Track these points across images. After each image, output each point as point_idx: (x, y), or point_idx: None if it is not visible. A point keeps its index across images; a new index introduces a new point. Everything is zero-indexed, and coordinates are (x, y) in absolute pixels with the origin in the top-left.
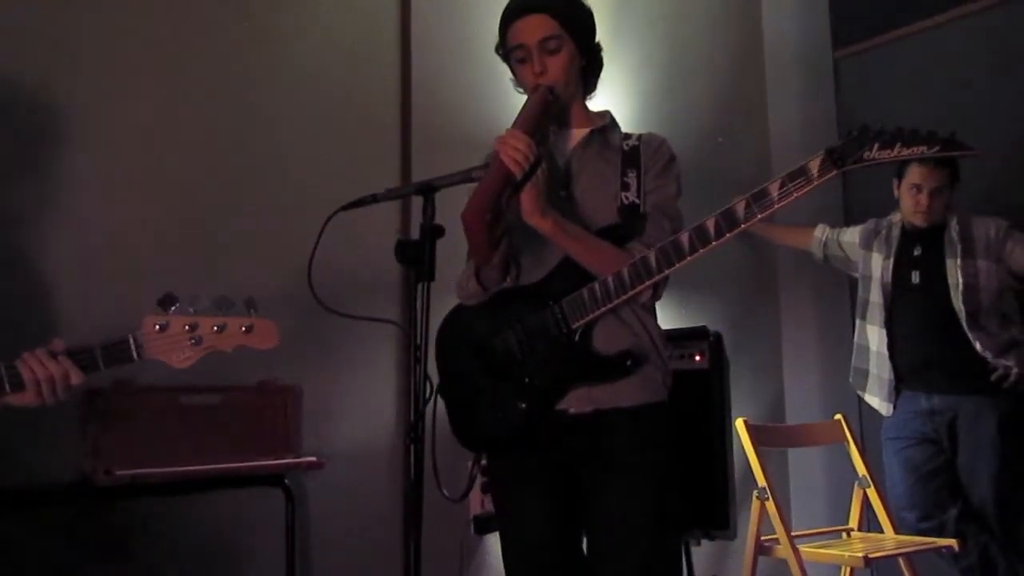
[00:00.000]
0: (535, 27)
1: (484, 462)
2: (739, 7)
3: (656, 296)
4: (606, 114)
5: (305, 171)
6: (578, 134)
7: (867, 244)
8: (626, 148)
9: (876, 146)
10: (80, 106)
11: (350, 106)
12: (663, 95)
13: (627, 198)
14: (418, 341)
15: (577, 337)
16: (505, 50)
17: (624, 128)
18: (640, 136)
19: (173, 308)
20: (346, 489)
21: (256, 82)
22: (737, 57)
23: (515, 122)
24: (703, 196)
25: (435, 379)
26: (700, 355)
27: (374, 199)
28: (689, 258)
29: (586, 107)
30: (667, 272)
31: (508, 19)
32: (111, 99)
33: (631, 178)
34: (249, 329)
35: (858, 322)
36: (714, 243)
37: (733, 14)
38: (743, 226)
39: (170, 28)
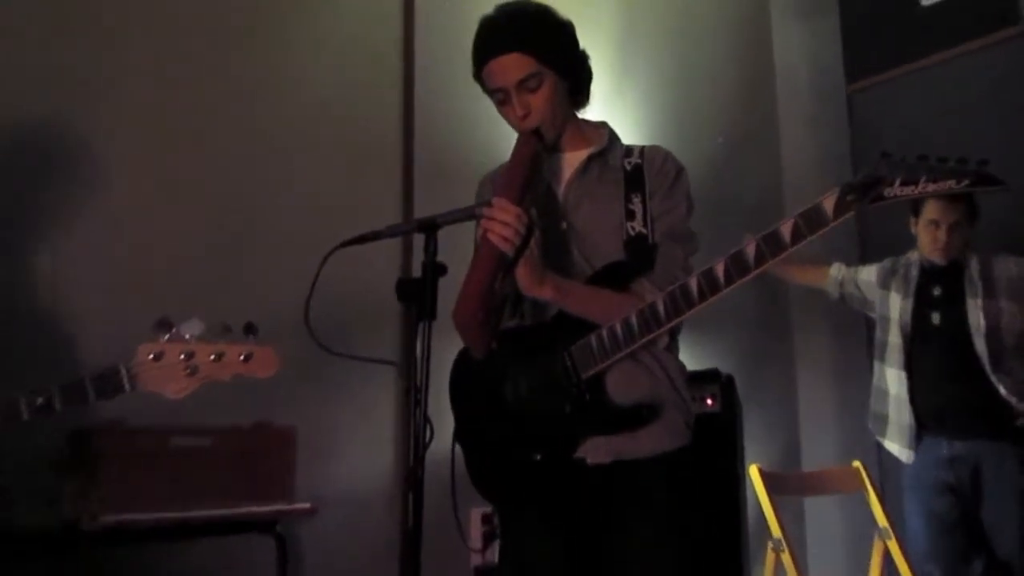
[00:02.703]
0: (510, 68)
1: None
2: (750, 37)
3: (673, 340)
4: (604, 130)
5: (305, 206)
6: (574, 159)
7: (885, 283)
8: (628, 167)
9: (898, 181)
10: (91, 139)
11: (353, 141)
12: (671, 125)
13: (632, 228)
14: (418, 383)
15: (589, 388)
16: (483, 89)
17: (627, 133)
18: (643, 151)
19: (168, 335)
20: (341, 536)
21: (260, 117)
22: (748, 87)
23: (500, 186)
24: (713, 226)
25: (435, 422)
26: (711, 398)
27: (375, 235)
28: (699, 305)
29: (580, 124)
30: (676, 321)
31: (480, 61)
32: (120, 132)
33: (636, 203)
34: (248, 357)
35: (876, 364)
36: (724, 290)
37: (743, 43)
38: (754, 272)
39: (180, 64)
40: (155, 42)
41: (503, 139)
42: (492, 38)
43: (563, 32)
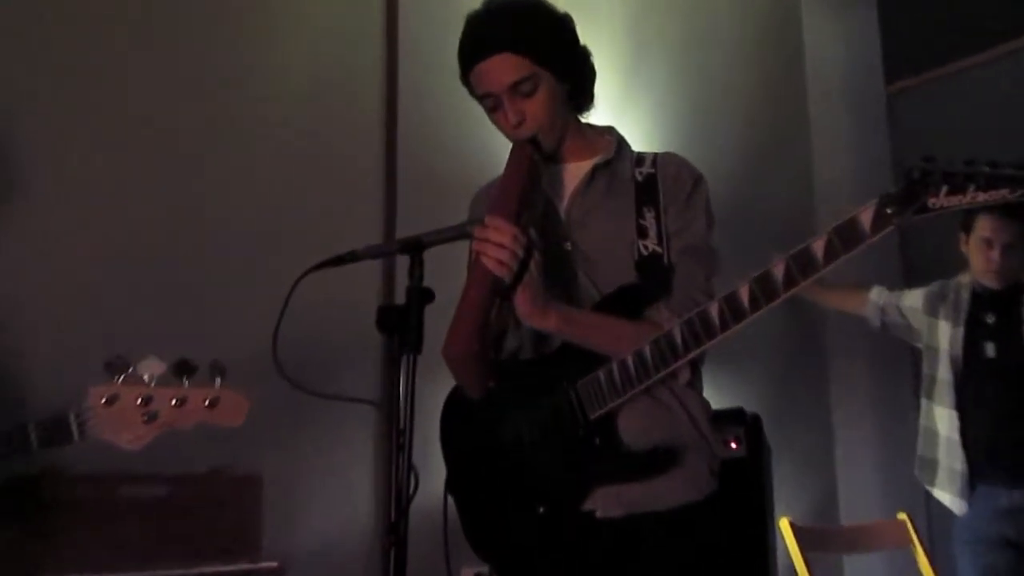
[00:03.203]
0: (501, 71)
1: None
2: (777, 32)
3: (696, 374)
4: (611, 136)
5: (276, 223)
6: (578, 170)
7: (932, 310)
8: (639, 178)
9: (944, 190)
10: (26, 143)
11: (328, 148)
12: (687, 133)
13: (646, 247)
14: (401, 425)
15: (598, 430)
16: (472, 94)
17: (637, 140)
18: (656, 159)
19: (123, 376)
20: None
21: (222, 118)
22: (775, 88)
23: (493, 204)
24: (737, 244)
25: (421, 470)
26: (735, 441)
27: (352, 257)
28: (721, 335)
29: (583, 130)
30: (695, 353)
31: (467, 62)
32: (61, 136)
33: (649, 219)
34: (214, 403)
35: (924, 402)
36: (749, 317)
37: (770, 40)
38: (783, 296)
39: (140, 71)
40: (99, 31)
41: (500, 147)
42: (479, 37)
43: (560, 28)
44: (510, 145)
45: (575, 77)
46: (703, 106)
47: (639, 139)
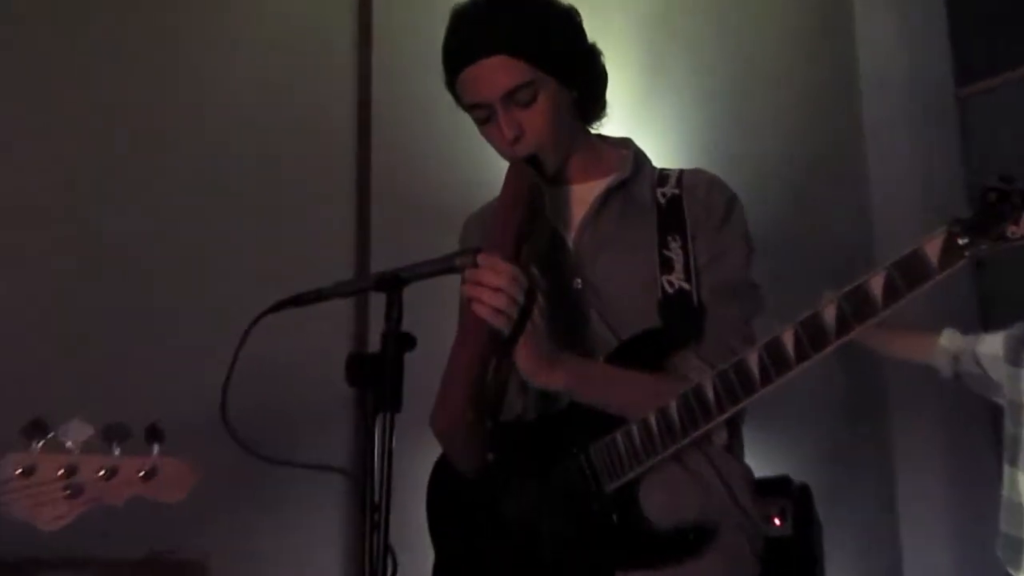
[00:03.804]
0: (493, 77)
1: None
2: (826, 28)
3: (735, 435)
4: (628, 150)
5: (229, 258)
6: (587, 192)
7: (1015, 358)
8: (662, 201)
9: None
10: None
11: (289, 163)
12: (718, 146)
13: (671, 284)
14: (376, 498)
15: (616, 504)
16: (459, 104)
17: (660, 156)
18: (680, 177)
19: (42, 442)
20: None
21: (163, 130)
22: (824, 93)
23: (488, 237)
24: (779, 280)
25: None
26: (779, 517)
27: (317, 296)
28: (761, 390)
29: (594, 144)
30: (731, 411)
31: (453, 67)
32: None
33: (674, 250)
34: (151, 474)
35: (1006, 468)
36: (795, 369)
37: (817, 36)
38: (835, 343)
39: (80, 103)
40: (57, 63)
41: (493, 165)
42: (467, 37)
43: (564, 23)
44: (505, 165)
45: (582, 82)
46: (737, 115)
47: (660, 154)
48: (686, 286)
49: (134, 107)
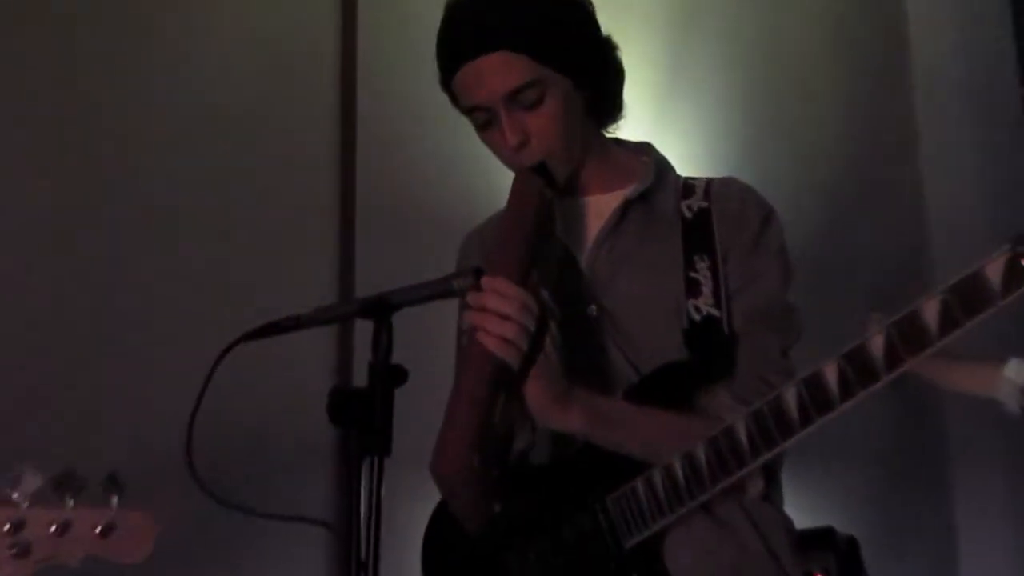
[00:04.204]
0: (495, 75)
1: None
2: (874, 21)
3: (772, 483)
4: (648, 157)
5: (195, 278)
6: (603, 205)
7: None
8: (688, 215)
9: None
10: None
11: (265, 175)
12: (750, 152)
13: (698, 310)
14: (363, 554)
15: (636, 562)
16: (456, 106)
17: (684, 166)
18: (709, 187)
19: None
20: None
21: (126, 137)
22: (871, 94)
23: (492, 258)
24: (822, 303)
25: None
26: (824, 574)
27: (295, 323)
28: (801, 432)
29: (609, 150)
30: (768, 456)
31: (449, 65)
32: None
33: (702, 271)
34: (108, 529)
35: None
36: (839, 407)
37: (864, 30)
38: (885, 378)
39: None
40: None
41: (496, 175)
42: (465, 30)
43: (574, 15)
44: (509, 173)
45: (595, 80)
46: (771, 117)
47: (684, 161)
48: (715, 313)
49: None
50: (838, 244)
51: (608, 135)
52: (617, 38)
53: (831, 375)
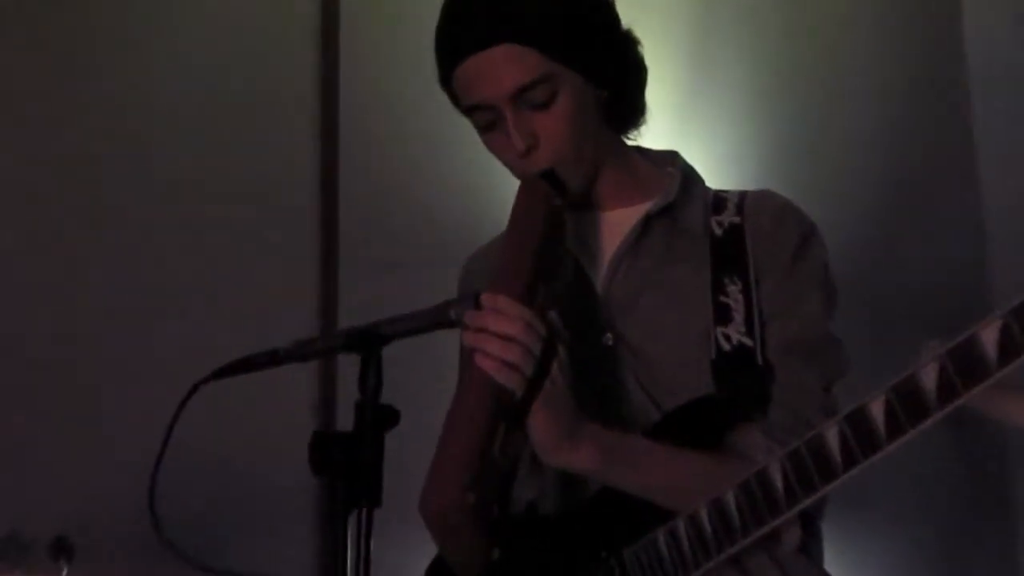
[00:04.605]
0: (501, 71)
1: None
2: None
3: (811, 532)
4: (674, 168)
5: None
6: (622, 220)
7: None
8: (718, 232)
9: None
10: None
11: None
12: (789, 155)
13: (728, 339)
14: None
15: None
16: (457, 106)
17: (720, 184)
18: (743, 201)
19: None
20: None
21: (87, 145)
22: (922, 89)
23: (495, 274)
24: (868, 330)
25: None
26: None
27: (270, 359)
28: (844, 476)
29: (629, 159)
30: (805, 503)
31: (449, 59)
32: None
33: (733, 294)
34: None
35: None
36: (886, 448)
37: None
38: (937, 413)
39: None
40: None
41: (499, 185)
42: (468, 20)
43: (590, 5)
44: (515, 183)
45: (614, 78)
46: (809, 119)
47: (712, 171)
48: (747, 342)
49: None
50: (884, 264)
51: (629, 142)
52: (636, 32)
53: (878, 410)
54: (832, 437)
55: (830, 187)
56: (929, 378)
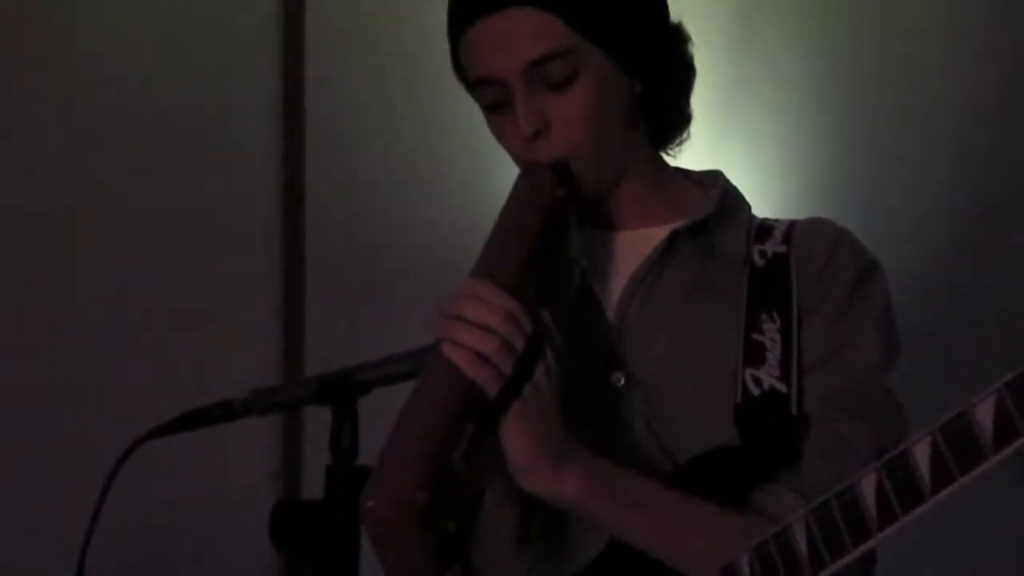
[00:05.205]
0: (517, 37)
1: None
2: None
3: None
4: (713, 190)
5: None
6: (644, 241)
7: None
8: (759, 263)
9: None
10: None
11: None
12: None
13: (758, 383)
14: None
15: None
16: (463, 81)
17: (759, 209)
18: (791, 230)
19: None
20: None
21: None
22: (1004, 98)
23: (480, 259)
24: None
25: None
26: None
27: (227, 412)
28: (878, 535)
29: (662, 175)
30: (834, 567)
31: (461, 17)
32: None
33: (769, 332)
34: None
35: None
36: (930, 500)
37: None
38: (992, 459)
39: None
40: None
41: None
42: None
43: None
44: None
45: (652, 69)
46: (870, 132)
47: (748, 188)
48: (781, 387)
49: None
50: (968, 308)
51: (668, 159)
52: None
53: (922, 454)
54: (867, 489)
55: (898, 216)
56: (984, 415)
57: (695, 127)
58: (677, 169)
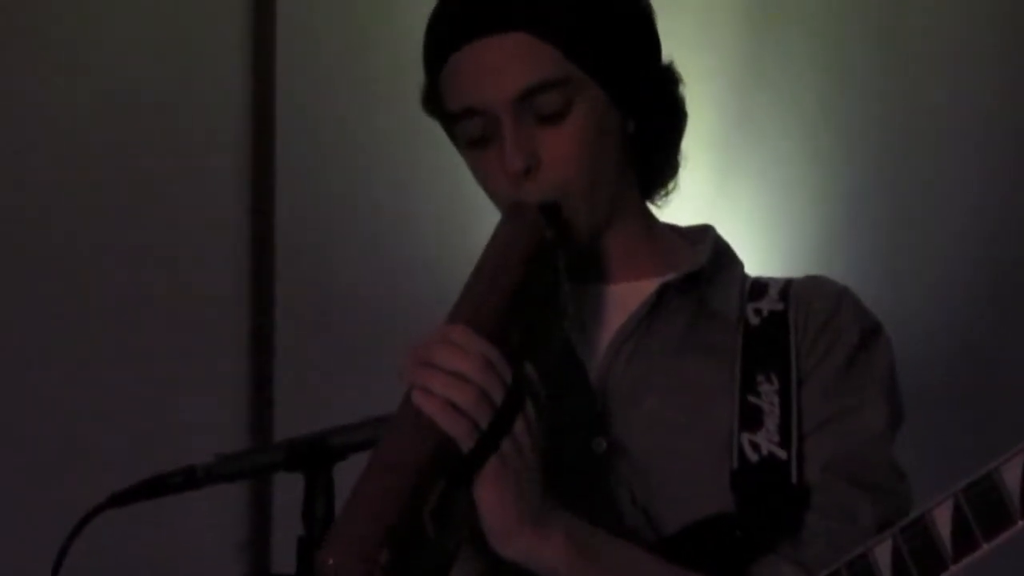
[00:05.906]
0: (507, 64)
1: None
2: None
3: None
4: (703, 244)
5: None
6: (631, 295)
7: None
8: (754, 322)
9: None
10: None
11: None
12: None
13: (755, 448)
14: None
15: None
16: (439, 114)
17: (753, 266)
18: (788, 287)
19: None
20: None
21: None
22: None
23: (457, 302)
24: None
25: None
26: None
27: (189, 479)
28: None
29: (651, 226)
30: None
31: (445, 42)
32: None
33: (766, 394)
34: None
35: None
36: (951, 569)
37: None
38: (1020, 524)
39: None
40: None
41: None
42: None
43: (629, 8)
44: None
45: (646, 106)
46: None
47: (750, 250)
48: (780, 454)
49: None
50: (987, 368)
51: (654, 209)
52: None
53: (943, 518)
54: (882, 557)
55: (915, 267)
56: (1013, 476)
57: (701, 165)
58: (667, 226)
